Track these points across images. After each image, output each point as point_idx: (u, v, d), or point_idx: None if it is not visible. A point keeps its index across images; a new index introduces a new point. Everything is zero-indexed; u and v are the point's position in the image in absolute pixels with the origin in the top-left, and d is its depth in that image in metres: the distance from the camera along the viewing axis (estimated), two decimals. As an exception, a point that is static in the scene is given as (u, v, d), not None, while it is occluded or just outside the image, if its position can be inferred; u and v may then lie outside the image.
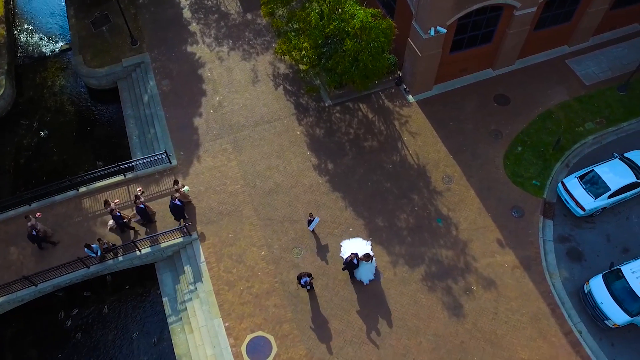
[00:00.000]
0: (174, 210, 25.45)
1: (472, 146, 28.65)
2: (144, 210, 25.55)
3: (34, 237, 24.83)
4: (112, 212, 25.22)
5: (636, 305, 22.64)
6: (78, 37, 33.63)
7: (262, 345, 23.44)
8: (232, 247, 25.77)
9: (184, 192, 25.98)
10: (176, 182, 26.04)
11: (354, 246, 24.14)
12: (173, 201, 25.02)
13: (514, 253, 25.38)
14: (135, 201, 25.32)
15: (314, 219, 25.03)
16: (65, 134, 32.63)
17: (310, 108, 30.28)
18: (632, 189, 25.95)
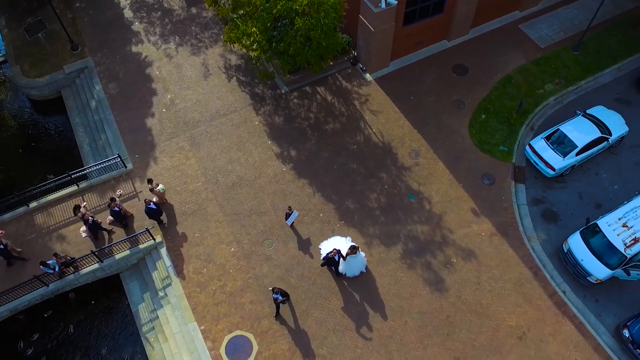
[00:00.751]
0: (150, 215, 24.18)
1: (435, 118, 28.09)
2: (118, 213, 24.14)
3: (1, 250, 23.19)
4: (83, 217, 23.68)
5: (616, 257, 22.40)
6: (13, 47, 31.72)
7: (242, 344, 22.26)
8: (199, 247, 24.51)
9: (159, 191, 24.60)
10: (150, 181, 24.69)
11: (333, 245, 23.20)
12: (148, 205, 23.68)
13: (490, 221, 24.88)
14: (110, 204, 24.01)
15: (293, 213, 23.93)
16: (9, 150, 30.68)
17: (267, 97, 29.23)
18: (598, 144, 25.82)
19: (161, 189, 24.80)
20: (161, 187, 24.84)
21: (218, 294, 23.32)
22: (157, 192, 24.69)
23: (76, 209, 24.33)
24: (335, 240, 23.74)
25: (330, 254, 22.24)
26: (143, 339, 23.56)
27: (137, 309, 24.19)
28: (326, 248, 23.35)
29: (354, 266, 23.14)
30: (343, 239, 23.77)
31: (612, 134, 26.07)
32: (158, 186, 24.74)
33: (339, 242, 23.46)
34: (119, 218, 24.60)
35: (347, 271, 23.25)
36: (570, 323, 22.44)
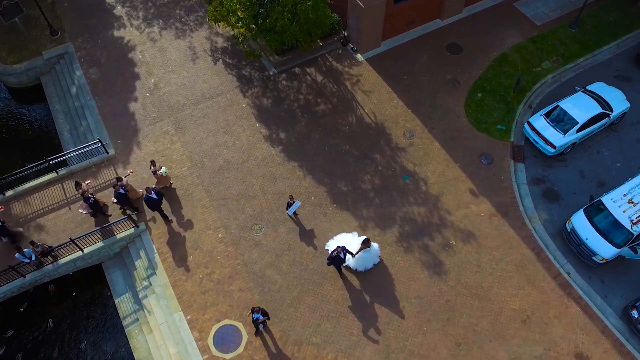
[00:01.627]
0: (150, 205, 22.72)
1: (430, 98, 27.02)
2: (123, 196, 22.75)
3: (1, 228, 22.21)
4: (83, 194, 22.49)
5: (622, 235, 21.36)
6: (-12, 33, 30.50)
7: (231, 334, 21.04)
8: (185, 234, 23.29)
9: (161, 174, 23.29)
10: (152, 163, 23.28)
11: (339, 243, 21.89)
12: (148, 194, 22.21)
13: (489, 201, 23.80)
14: (115, 185, 22.63)
15: (295, 202, 22.72)
16: (-14, 141, 29.44)
17: (255, 78, 28.07)
18: (599, 120, 24.83)
19: (164, 172, 23.36)
20: (164, 170, 23.38)
21: (205, 282, 22.10)
22: (159, 176, 23.40)
23: (77, 185, 22.91)
24: (342, 237, 22.46)
25: (334, 252, 20.74)
26: (127, 331, 22.31)
27: (120, 300, 22.95)
28: (333, 247, 21.92)
29: (366, 260, 21.75)
30: (349, 235, 22.53)
31: (613, 110, 25.10)
32: (161, 169, 23.33)
33: (345, 239, 22.18)
34: (122, 201, 23.21)
35: (359, 266, 21.84)
36: (576, 305, 21.37)
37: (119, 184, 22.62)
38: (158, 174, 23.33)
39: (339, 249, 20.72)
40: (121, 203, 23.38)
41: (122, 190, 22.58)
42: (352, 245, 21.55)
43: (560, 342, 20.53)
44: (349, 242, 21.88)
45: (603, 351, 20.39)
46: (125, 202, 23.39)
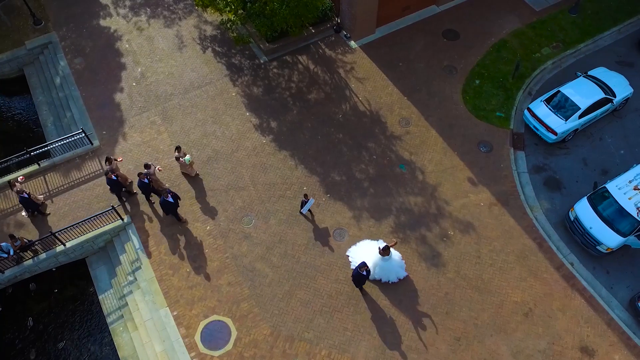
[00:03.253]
0: (166, 209, 21.52)
1: (426, 85, 26.10)
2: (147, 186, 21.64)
3: (26, 200, 21.49)
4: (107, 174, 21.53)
5: (628, 223, 20.45)
6: (-32, 24, 29.52)
7: (219, 330, 20.05)
8: (172, 227, 22.31)
9: (184, 162, 22.24)
10: (178, 149, 22.22)
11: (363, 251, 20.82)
12: (164, 198, 20.95)
13: (489, 190, 22.88)
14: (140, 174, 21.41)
15: (309, 200, 21.65)
16: (-34, 134, 28.42)
17: (245, 67, 27.12)
18: (601, 106, 23.93)
19: (187, 159, 22.22)
20: (188, 157, 22.23)
21: (192, 277, 21.12)
22: (182, 163, 22.42)
23: (108, 160, 21.87)
24: (365, 244, 21.17)
25: (356, 271, 19.20)
26: (111, 328, 21.30)
27: (104, 296, 21.95)
28: (355, 255, 20.87)
29: (385, 269, 20.23)
30: (374, 242, 21.14)
31: (616, 96, 24.20)
32: (185, 156, 22.23)
33: (369, 247, 20.88)
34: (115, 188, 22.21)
35: (381, 276, 20.52)
36: (580, 297, 20.44)
37: (144, 172, 21.51)
38: (181, 161, 22.28)
39: (363, 266, 19.05)
40: (144, 193, 22.24)
41: (146, 179, 21.40)
42: (374, 252, 20.21)
43: (565, 335, 19.60)
44: (372, 249, 20.48)
45: (609, 344, 19.46)
46: (148, 193, 22.24)
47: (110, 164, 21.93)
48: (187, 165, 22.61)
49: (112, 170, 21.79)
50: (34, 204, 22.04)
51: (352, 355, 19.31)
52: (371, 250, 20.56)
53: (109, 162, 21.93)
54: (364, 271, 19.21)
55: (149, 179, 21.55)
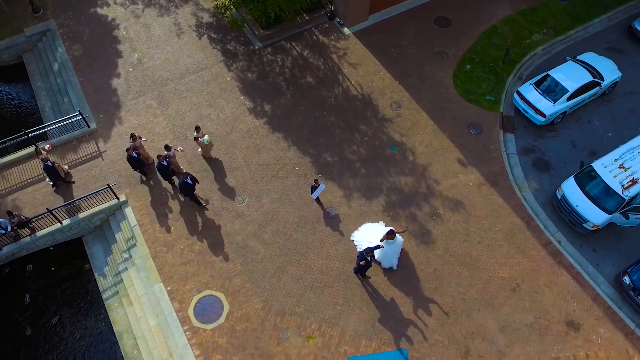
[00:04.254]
0: (185, 190, 21.60)
1: (417, 70, 26.54)
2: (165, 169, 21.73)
3: (50, 168, 21.95)
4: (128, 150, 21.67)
5: (613, 201, 20.81)
6: (-33, 11, 29.99)
7: (212, 304, 20.44)
8: (167, 205, 22.73)
9: (203, 142, 22.44)
10: (197, 129, 22.39)
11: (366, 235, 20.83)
12: (184, 179, 21.03)
13: (478, 170, 23.28)
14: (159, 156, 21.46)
15: (319, 186, 21.60)
16: (-34, 121, 28.88)
17: (239, 53, 27.58)
18: (589, 89, 24.33)
19: (206, 140, 22.41)
20: (207, 138, 22.43)
21: (186, 253, 21.53)
22: (201, 144, 22.64)
23: (132, 137, 22.21)
24: (367, 227, 21.20)
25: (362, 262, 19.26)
26: (106, 304, 21.69)
27: (99, 273, 22.34)
28: (359, 238, 20.92)
29: (390, 255, 20.44)
30: (376, 224, 21.25)
31: (604, 79, 24.61)
32: (204, 136, 22.43)
33: (371, 230, 20.94)
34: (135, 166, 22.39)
35: (383, 262, 20.73)
36: (567, 273, 20.81)
37: (164, 154, 21.67)
38: (200, 141, 22.55)
39: (368, 251, 19.24)
40: (162, 175, 22.33)
41: (165, 162, 21.58)
42: (378, 235, 20.28)
43: (551, 310, 19.95)
44: (375, 232, 20.62)
45: (595, 319, 19.81)
46: (167, 176, 22.39)
47: (135, 141, 22.21)
48: (206, 145, 22.87)
49: (134, 147, 22.00)
50: (57, 173, 22.43)
51: (341, 328, 19.67)
52: (373, 232, 20.71)
53: (133, 138, 22.21)
54: (369, 257, 19.36)
55: (168, 161, 21.71)
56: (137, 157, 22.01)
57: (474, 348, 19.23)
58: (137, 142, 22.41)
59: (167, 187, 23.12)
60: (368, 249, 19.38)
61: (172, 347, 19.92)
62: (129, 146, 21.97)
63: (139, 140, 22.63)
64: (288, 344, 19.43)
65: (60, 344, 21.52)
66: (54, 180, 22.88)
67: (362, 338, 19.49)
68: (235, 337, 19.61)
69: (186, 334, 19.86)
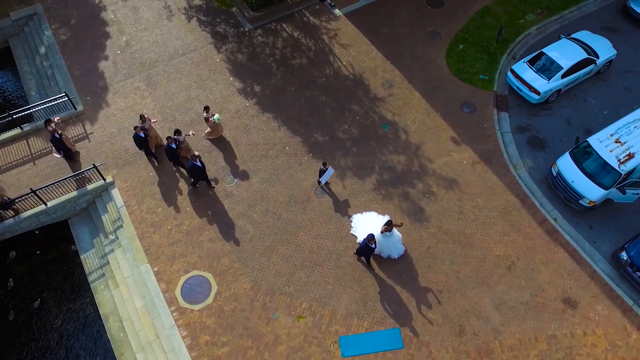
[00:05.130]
0: (194, 174, 21.06)
1: (410, 50, 26.14)
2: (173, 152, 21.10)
3: (57, 140, 21.62)
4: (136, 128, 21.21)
5: (610, 176, 20.39)
6: (-48, -5, 29.48)
7: (199, 285, 19.92)
8: (154, 186, 22.23)
9: (213, 121, 21.99)
10: (206, 109, 21.95)
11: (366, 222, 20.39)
12: (193, 162, 20.38)
13: (472, 149, 22.84)
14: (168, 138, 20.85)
15: (327, 170, 20.90)
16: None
17: (229, 35, 27.15)
18: (584, 66, 23.95)
19: (217, 118, 21.91)
20: (217, 116, 21.92)
21: (174, 233, 21.02)
22: (211, 123, 22.15)
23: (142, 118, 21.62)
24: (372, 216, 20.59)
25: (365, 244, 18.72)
26: (92, 287, 21.16)
27: (85, 256, 21.82)
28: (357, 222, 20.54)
29: (387, 247, 19.75)
30: (380, 216, 20.51)
31: (599, 57, 24.23)
32: (214, 116, 21.93)
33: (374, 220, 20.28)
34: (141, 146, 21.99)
35: (382, 251, 19.98)
36: (563, 251, 20.35)
37: (174, 137, 21.02)
38: (210, 120, 22.05)
39: (372, 239, 18.45)
40: (169, 158, 21.63)
41: (174, 145, 20.95)
42: (377, 226, 19.69)
43: (547, 287, 19.48)
44: (376, 222, 20.02)
45: (592, 296, 19.34)
46: (175, 160, 21.70)
47: (144, 122, 21.67)
48: (217, 125, 22.35)
49: (143, 128, 21.45)
50: (64, 147, 22.05)
51: (333, 308, 19.18)
52: (374, 223, 20.06)
53: (143, 120, 21.67)
54: (373, 244, 18.67)
55: (177, 145, 21.16)
56: (144, 137, 21.50)
57: (469, 326, 18.74)
58: (146, 123, 21.78)
59: (154, 168, 22.62)
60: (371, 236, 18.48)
61: (158, 328, 19.40)
62: (138, 125, 21.41)
63: (149, 122, 22.03)
64: (277, 324, 18.92)
65: (44, 328, 20.93)
66: (63, 153, 22.41)
67: (354, 317, 18.98)
68: (223, 318, 19.10)
69: (173, 315, 19.35)
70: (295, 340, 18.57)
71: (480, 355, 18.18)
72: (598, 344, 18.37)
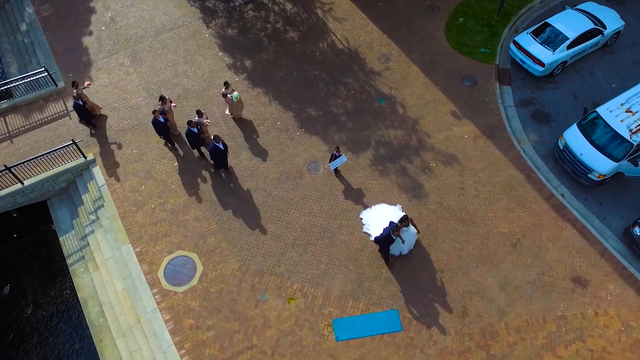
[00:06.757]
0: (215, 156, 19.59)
1: (407, 23, 24.95)
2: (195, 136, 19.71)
3: (80, 107, 20.76)
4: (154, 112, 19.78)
5: (621, 147, 19.14)
6: None
7: (184, 265, 18.67)
8: (137, 164, 21.01)
9: (231, 99, 20.57)
10: (226, 85, 20.51)
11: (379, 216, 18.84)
12: (215, 143, 18.93)
13: (473, 123, 21.62)
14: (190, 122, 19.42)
15: (340, 156, 19.38)
16: None
17: (219, 10, 25.98)
18: (591, 37, 22.74)
19: (235, 96, 20.52)
20: (236, 94, 20.56)
21: (157, 212, 19.78)
22: (230, 100, 20.79)
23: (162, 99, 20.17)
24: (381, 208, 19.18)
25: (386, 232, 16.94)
26: (71, 270, 19.90)
27: (65, 238, 20.57)
28: (368, 218, 19.05)
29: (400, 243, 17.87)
30: (391, 207, 19.16)
31: (606, 28, 23.02)
32: (233, 93, 20.52)
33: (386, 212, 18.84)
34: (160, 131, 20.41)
35: (404, 249, 18.39)
36: (572, 227, 19.08)
37: (196, 120, 19.61)
38: (229, 97, 20.67)
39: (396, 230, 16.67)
40: (190, 143, 20.28)
41: (195, 129, 19.51)
42: (389, 218, 17.94)
43: (556, 266, 18.21)
44: (390, 216, 18.29)
45: (603, 274, 18.06)
46: (196, 144, 20.28)
47: (164, 104, 20.18)
48: (234, 102, 21.06)
49: (163, 111, 19.92)
50: (87, 114, 21.09)
51: (326, 288, 17.92)
52: (388, 215, 18.53)
53: (163, 101, 20.16)
54: (396, 235, 16.73)
55: (199, 128, 19.66)
56: (163, 122, 19.91)
57: (472, 307, 17.47)
58: (166, 105, 20.24)
59: (140, 144, 21.40)
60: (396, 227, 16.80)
61: (139, 312, 18.16)
62: (157, 109, 19.85)
63: (169, 105, 20.50)
64: (267, 306, 17.66)
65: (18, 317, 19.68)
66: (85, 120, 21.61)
67: (349, 298, 17.72)
68: (209, 300, 17.84)
69: (155, 297, 18.10)
70: (286, 323, 17.31)
71: (485, 337, 16.92)
72: (611, 325, 17.10)
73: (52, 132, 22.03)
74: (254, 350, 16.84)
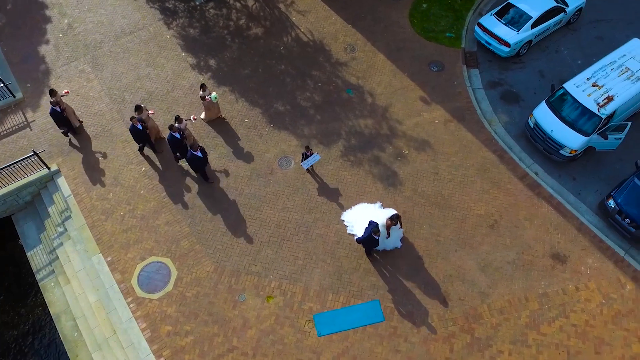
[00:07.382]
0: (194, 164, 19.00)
1: (371, 12, 24.70)
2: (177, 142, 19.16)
3: (57, 114, 19.89)
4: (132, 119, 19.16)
5: (590, 121, 19.14)
6: None
7: (157, 271, 18.13)
8: (104, 171, 20.37)
9: (210, 100, 19.97)
10: (202, 87, 19.99)
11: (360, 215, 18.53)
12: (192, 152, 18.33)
13: (443, 107, 21.45)
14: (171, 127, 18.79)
15: (312, 155, 19.08)
16: None
17: (179, 10, 25.43)
18: (554, 15, 22.78)
19: (214, 97, 19.85)
20: (214, 95, 19.89)
21: (127, 219, 19.20)
22: (208, 103, 20.13)
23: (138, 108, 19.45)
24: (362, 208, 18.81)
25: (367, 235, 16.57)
26: (41, 285, 19.21)
27: (32, 253, 19.85)
28: (351, 219, 18.62)
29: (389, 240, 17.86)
30: (372, 205, 18.85)
31: (568, 5, 23.08)
32: (211, 94, 19.92)
33: (367, 211, 18.48)
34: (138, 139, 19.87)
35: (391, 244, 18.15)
36: (548, 205, 19.01)
37: (175, 125, 18.87)
38: (207, 99, 20.03)
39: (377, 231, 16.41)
40: (173, 149, 19.67)
41: (177, 134, 18.90)
42: (375, 218, 17.44)
43: (534, 244, 18.12)
44: (372, 214, 17.96)
45: (581, 249, 18.02)
46: (179, 151, 19.59)
47: (141, 112, 19.50)
48: (214, 104, 20.52)
49: (140, 119, 19.30)
50: (66, 122, 20.27)
51: (304, 284, 17.56)
52: (370, 214, 18.09)
53: (140, 111, 19.49)
54: (378, 235, 16.48)
55: (181, 134, 19.04)
56: (141, 129, 19.34)
57: (454, 292, 17.27)
58: (144, 114, 19.67)
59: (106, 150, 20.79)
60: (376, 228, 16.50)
61: (115, 322, 17.57)
62: (135, 116, 19.24)
63: (146, 112, 19.92)
64: (245, 306, 17.23)
65: (-9, 334, 19.00)
66: (64, 129, 20.72)
67: (329, 292, 17.38)
68: (185, 305, 17.34)
69: (130, 306, 17.54)
70: (266, 322, 16.91)
71: (468, 321, 16.73)
72: (592, 299, 17.05)
73: (12, 144, 21.28)
74: (235, 352, 16.41)
